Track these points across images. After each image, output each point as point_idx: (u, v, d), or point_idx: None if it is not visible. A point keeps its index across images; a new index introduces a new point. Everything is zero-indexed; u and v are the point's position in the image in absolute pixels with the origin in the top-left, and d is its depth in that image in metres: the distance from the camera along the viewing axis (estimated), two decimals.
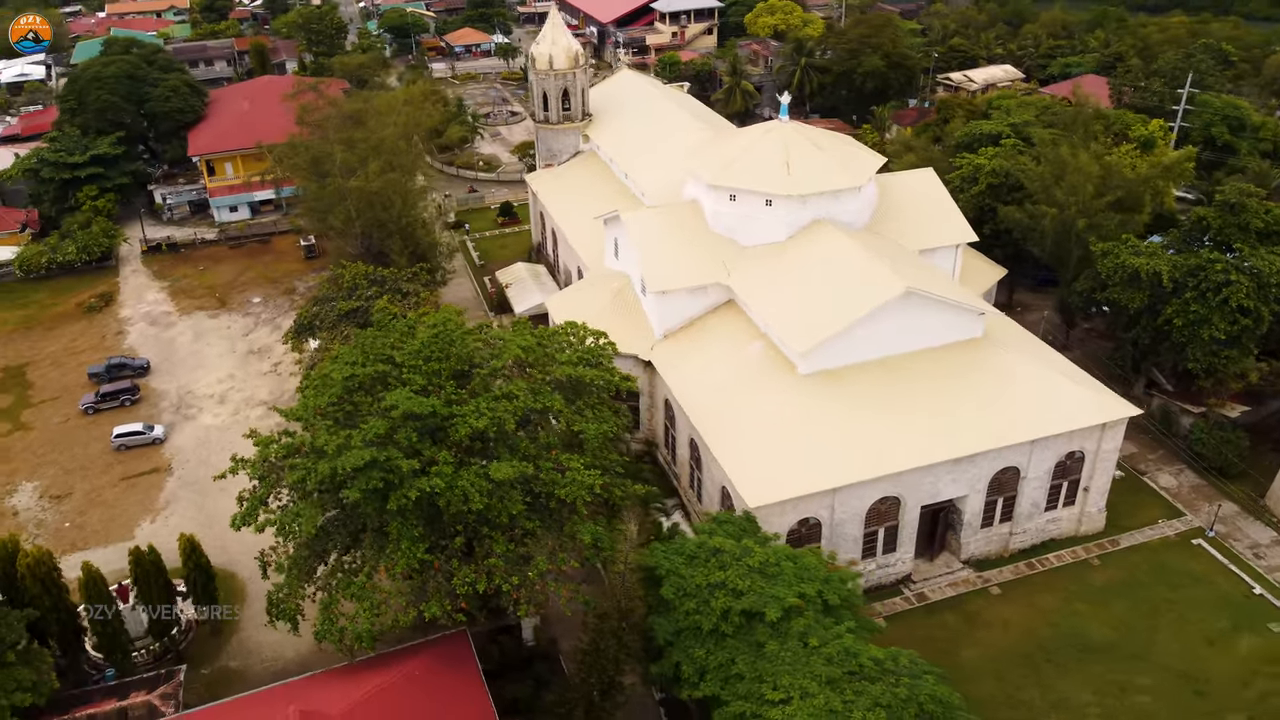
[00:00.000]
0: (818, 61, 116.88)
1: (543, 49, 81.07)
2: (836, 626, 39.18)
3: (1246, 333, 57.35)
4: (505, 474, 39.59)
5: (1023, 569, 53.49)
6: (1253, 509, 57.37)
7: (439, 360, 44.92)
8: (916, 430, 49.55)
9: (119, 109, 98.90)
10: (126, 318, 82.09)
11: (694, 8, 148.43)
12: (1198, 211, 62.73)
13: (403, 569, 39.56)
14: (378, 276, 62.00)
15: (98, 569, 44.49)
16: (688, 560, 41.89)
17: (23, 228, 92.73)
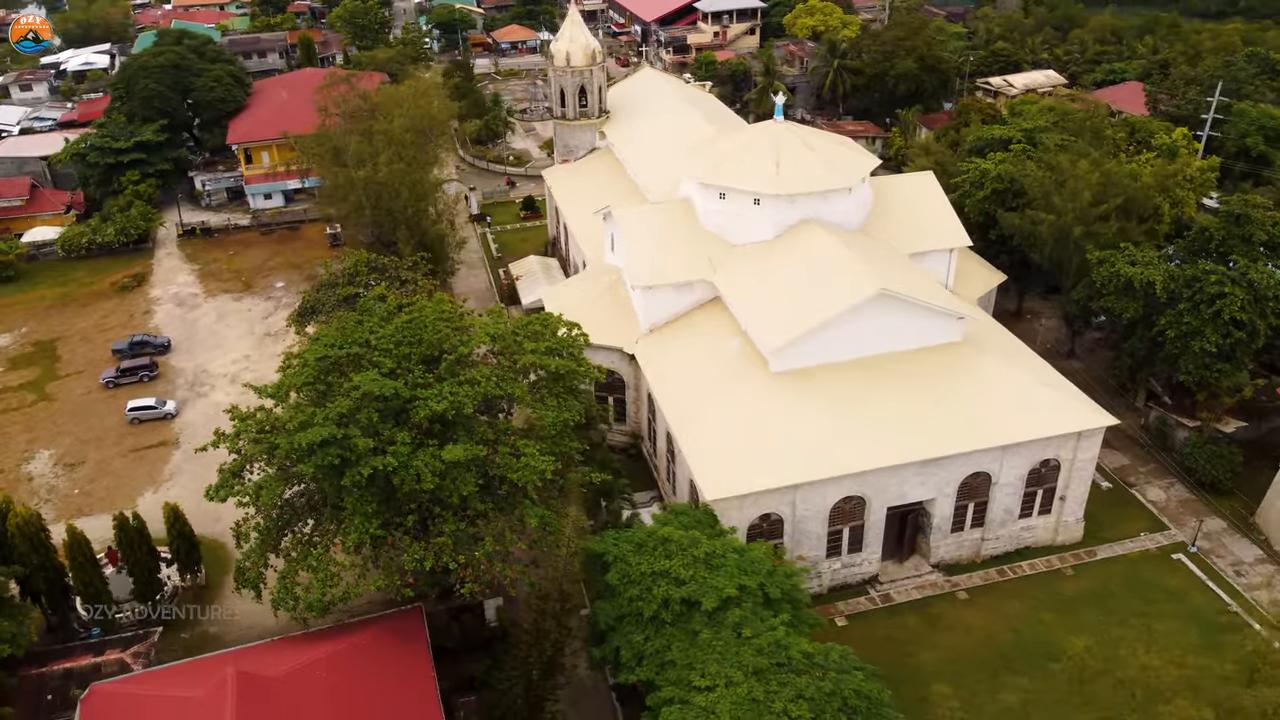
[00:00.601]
0: (851, 63, 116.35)
1: (560, 46, 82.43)
2: (772, 619, 39.80)
3: (1241, 346, 56.25)
4: (456, 455, 40.92)
5: (993, 575, 53.26)
6: (1241, 526, 56.27)
7: (410, 345, 46.44)
8: (884, 431, 49.73)
9: (164, 97, 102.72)
10: (156, 298, 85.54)
11: (736, 8, 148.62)
12: (1201, 221, 61.66)
13: (354, 543, 41.23)
14: (378, 264, 63.90)
15: (82, 532, 47.00)
16: (636, 548, 42.82)
17: (67, 209, 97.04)
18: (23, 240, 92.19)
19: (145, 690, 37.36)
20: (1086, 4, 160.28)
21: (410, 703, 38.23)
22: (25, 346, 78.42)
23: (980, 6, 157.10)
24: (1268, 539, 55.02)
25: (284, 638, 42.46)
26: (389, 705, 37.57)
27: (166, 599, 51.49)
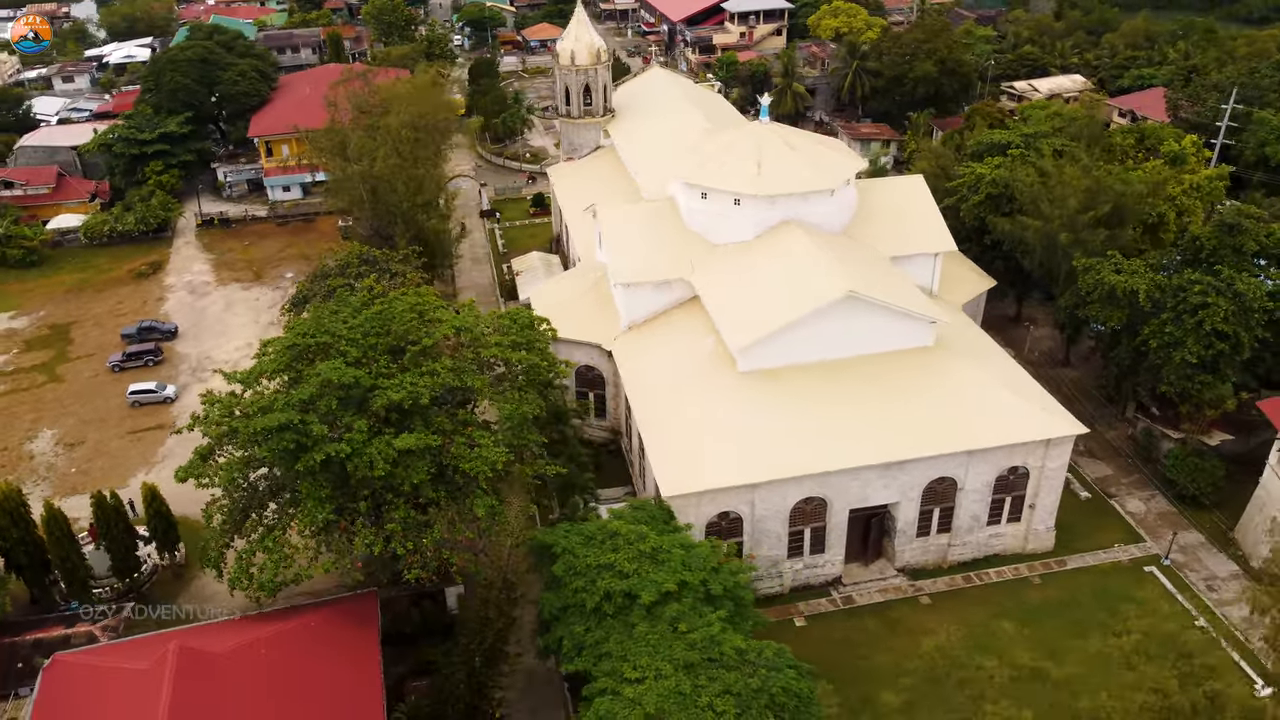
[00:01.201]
0: (870, 65, 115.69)
1: (566, 44, 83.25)
2: (710, 614, 40.18)
3: (1224, 358, 55.33)
4: (408, 444, 41.89)
5: (959, 581, 53.05)
6: (1219, 540, 55.40)
7: (376, 336, 47.57)
8: (847, 433, 49.81)
9: (190, 90, 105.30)
10: (170, 285, 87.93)
11: (763, 8, 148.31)
12: (1194, 230, 60.73)
13: (306, 526, 42.41)
14: (370, 256, 65.16)
15: (59, 509, 48.83)
16: (585, 541, 43.47)
17: (92, 197, 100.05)
18: (48, 227, 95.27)
19: (100, 662, 38.77)
20: (1124, 8, 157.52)
21: (351, 683, 39.23)
22: (41, 329, 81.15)
23: (1012, 9, 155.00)
24: (1245, 555, 54.08)
25: (242, 616, 43.74)
26: (328, 685, 38.61)
27: (146, 577, 53.25)
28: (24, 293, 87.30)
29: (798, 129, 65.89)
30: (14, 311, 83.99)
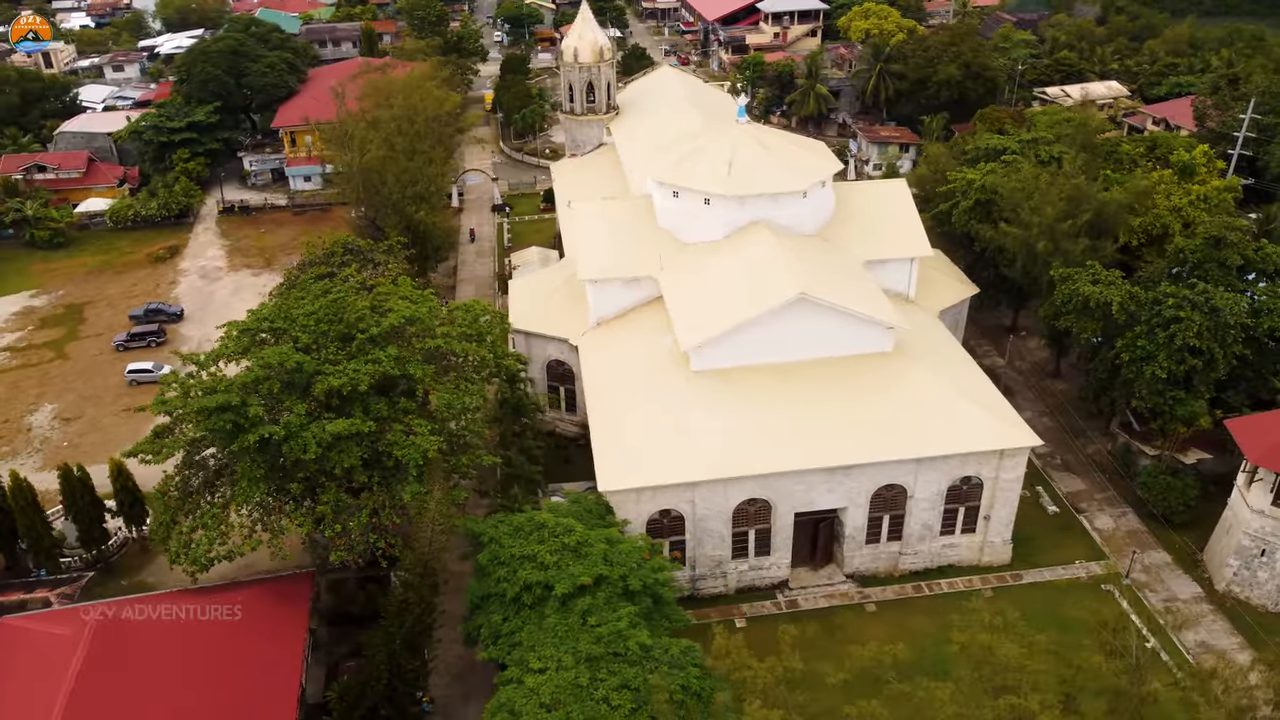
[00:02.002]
0: (894, 68, 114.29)
1: (569, 42, 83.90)
2: (625, 609, 40.42)
3: (1198, 374, 53.79)
4: (339, 429, 42.90)
5: (908, 591, 52.42)
6: (1186, 562, 53.89)
7: (329, 323, 48.72)
8: (793, 436, 49.53)
9: (219, 81, 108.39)
10: (184, 269, 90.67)
11: (798, 9, 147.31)
12: (1178, 242, 59.10)
13: (240, 505, 43.66)
14: (353, 246, 66.54)
15: (25, 479, 50.84)
16: (513, 531, 44.08)
17: (120, 182, 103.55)
18: (77, 210, 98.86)
19: (36, 626, 40.36)
20: (1174, 14, 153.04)
21: (269, 658, 40.26)
22: (57, 308, 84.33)
23: (1055, 13, 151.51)
24: (1210, 578, 52.53)
25: (180, 590, 45.12)
26: (244, 658, 39.68)
27: (115, 549, 55.16)
28: (48, 272, 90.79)
29: (777, 130, 65.45)
30: (35, 290, 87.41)
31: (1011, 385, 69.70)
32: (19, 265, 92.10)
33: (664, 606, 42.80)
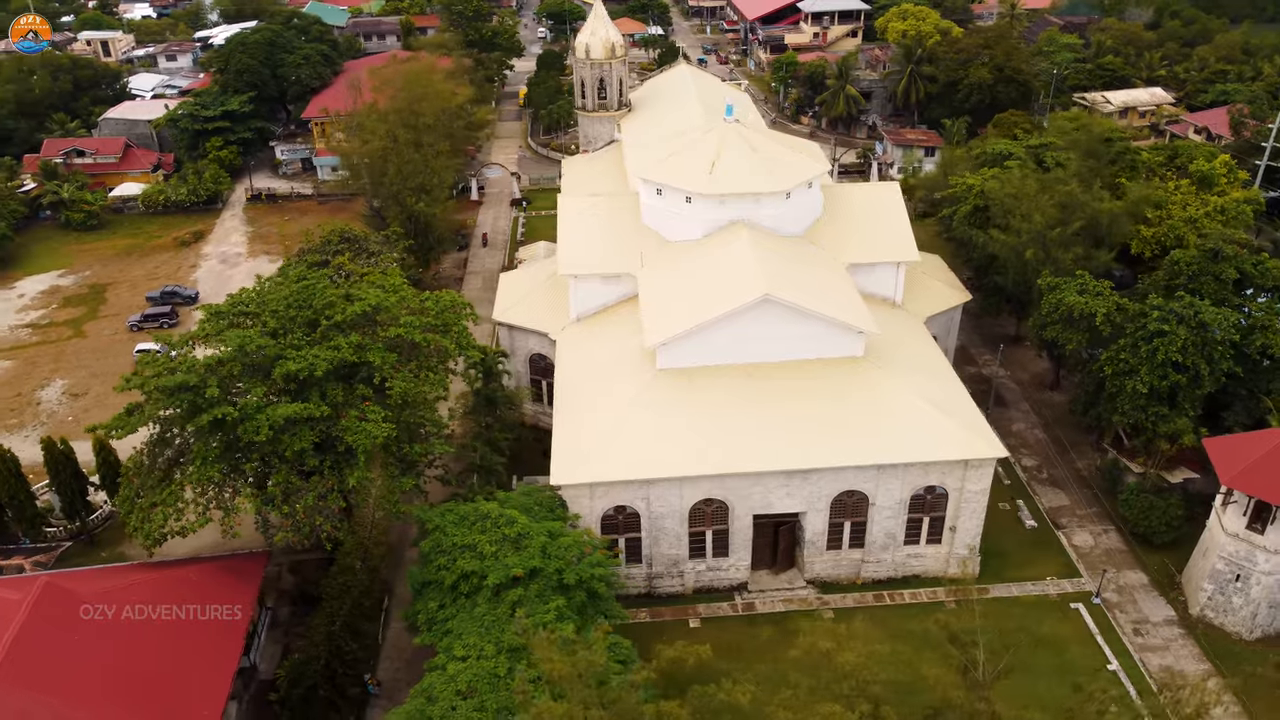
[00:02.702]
0: (926, 70, 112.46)
1: (582, 38, 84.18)
2: (556, 601, 40.64)
3: (1183, 391, 52.07)
4: (289, 412, 43.74)
5: (869, 599, 51.68)
6: (1163, 584, 52.25)
7: (297, 308, 49.72)
8: (751, 438, 49.14)
9: (255, 71, 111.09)
10: (206, 254, 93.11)
11: (839, 9, 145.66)
12: (1174, 254, 57.27)
13: (194, 482, 44.78)
14: (350, 235, 67.73)
15: (10, 450, 52.74)
16: (458, 520, 44.51)
17: (155, 168, 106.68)
18: (112, 194, 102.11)
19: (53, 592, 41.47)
20: (1233, 20, 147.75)
21: (212, 631, 41.27)
22: (82, 288, 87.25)
23: (1105, 17, 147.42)
24: (1185, 600, 50.85)
25: (138, 564, 46.51)
26: (186, 630, 40.72)
27: (99, 520, 56.96)
28: (78, 253, 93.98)
29: (768, 130, 64.59)
30: (64, 270, 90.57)
31: (1008, 396, 68.35)
32: (53, 245, 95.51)
33: (600, 602, 42.83)
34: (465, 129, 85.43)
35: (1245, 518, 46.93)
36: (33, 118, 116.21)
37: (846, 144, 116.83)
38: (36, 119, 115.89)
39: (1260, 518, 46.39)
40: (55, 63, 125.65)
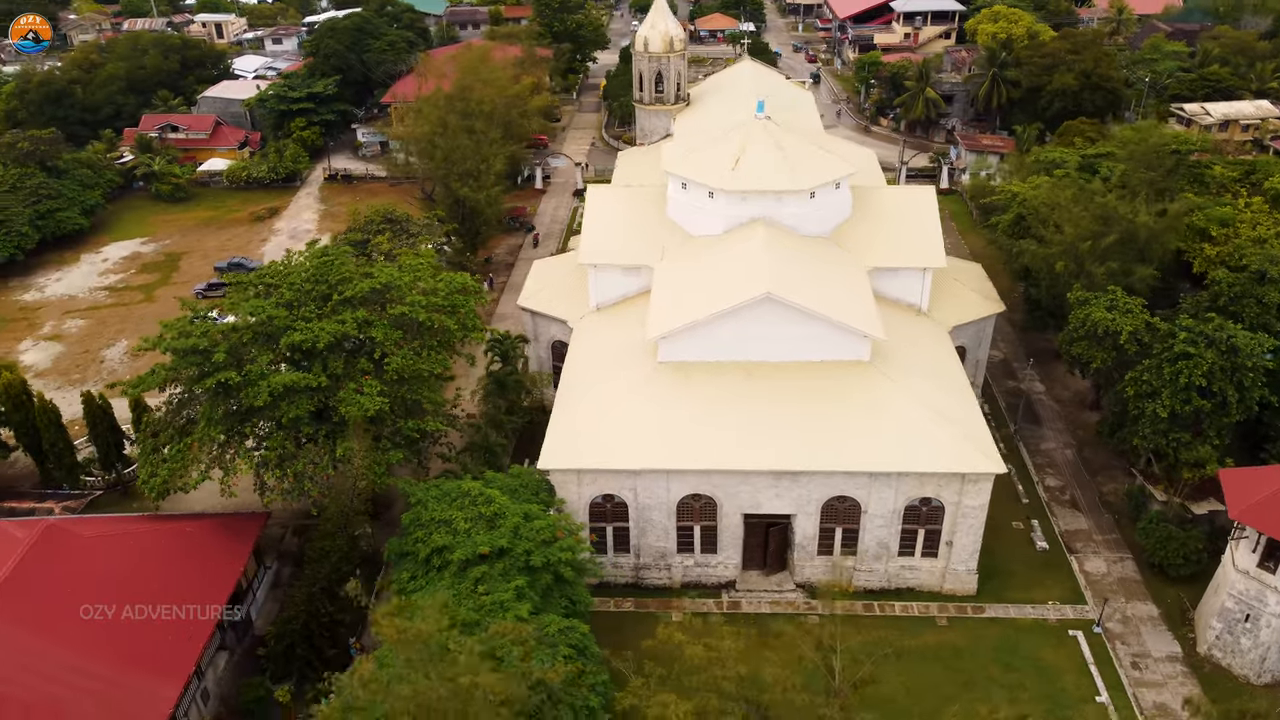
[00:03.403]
0: (1009, 74, 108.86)
1: (642, 31, 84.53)
2: (518, 580, 41.29)
3: (1208, 418, 49.44)
4: (286, 381, 45.69)
5: (858, 608, 50.59)
6: (1174, 618, 49.74)
7: (314, 282, 51.72)
8: (743, 436, 48.81)
9: (341, 56, 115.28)
10: (277, 229, 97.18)
11: (932, 9, 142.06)
12: (1215, 274, 54.35)
13: (198, 442, 47.11)
14: (393, 216, 69.86)
15: (51, 401, 56.37)
16: (440, 496, 45.60)
17: (241, 145, 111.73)
18: (199, 169, 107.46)
19: (10, 530, 44.75)
20: None
21: (197, 581, 43.44)
22: (159, 255, 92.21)
23: (1218, 24, 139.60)
24: (1195, 637, 48.32)
25: (144, 515, 49.27)
26: (175, 580, 42.95)
27: (133, 473, 60.26)
28: (162, 223, 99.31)
29: (816, 130, 63.52)
30: (146, 238, 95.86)
31: (1044, 414, 66.01)
32: (140, 215, 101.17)
33: (565, 586, 43.25)
34: (521, 117, 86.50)
35: (1257, 555, 44.33)
36: (141, 94, 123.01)
37: (923, 148, 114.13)
38: (144, 95, 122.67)
39: (1272, 556, 43.76)
40: (166, 42, 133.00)
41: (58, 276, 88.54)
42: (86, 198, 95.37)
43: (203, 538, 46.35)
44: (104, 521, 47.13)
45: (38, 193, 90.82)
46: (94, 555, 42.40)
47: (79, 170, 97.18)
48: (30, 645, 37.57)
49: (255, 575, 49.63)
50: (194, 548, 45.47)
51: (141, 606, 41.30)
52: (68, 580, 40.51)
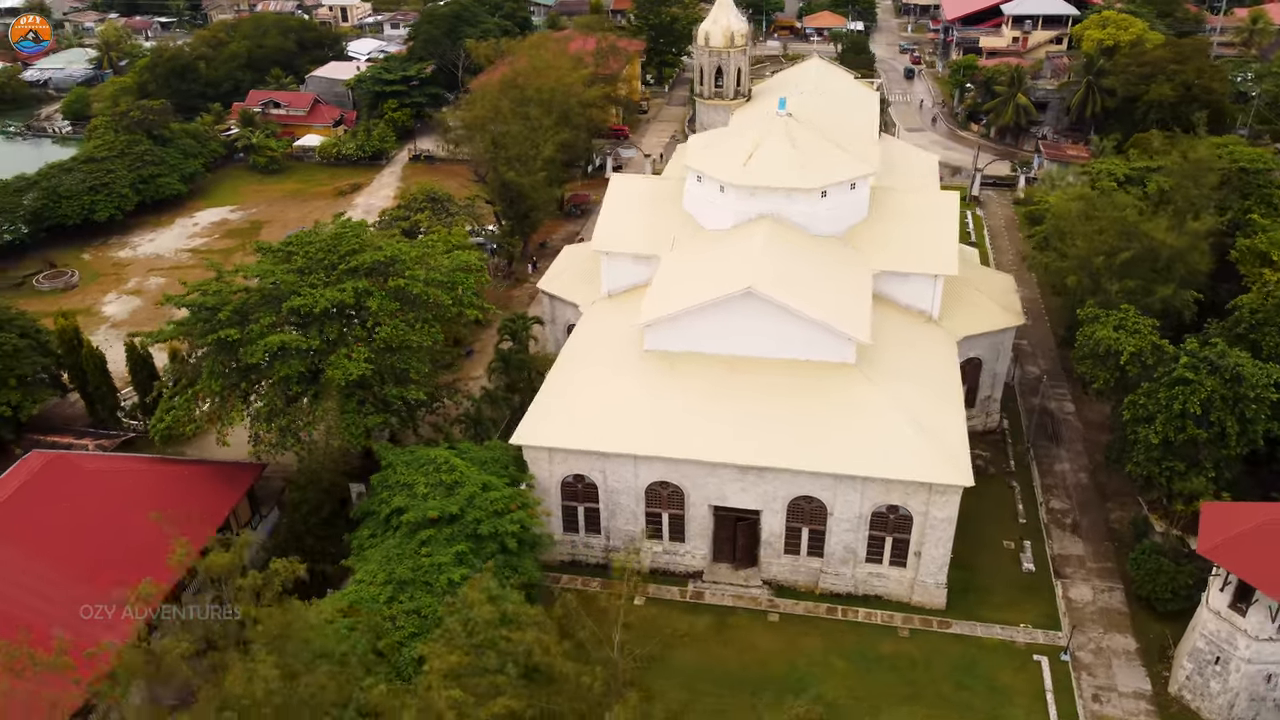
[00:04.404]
0: (1105, 83, 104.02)
1: (704, 26, 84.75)
2: (456, 546, 43.10)
3: (1205, 448, 46.96)
4: (280, 340, 48.69)
5: (820, 610, 50.34)
6: (1151, 654, 47.53)
7: (326, 251, 54.74)
8: (713, 427, 49.17)
9: (437, 41, 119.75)
10: (356, 204, 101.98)
11: (1044, 13, 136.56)
12: (1239, 300, 51.39)
13: (201, 393, 50.72)
14: (436, 195, 72.71)
15: (97, 347, 61.40)
16: (410, 461, 47.88)
17: (336, 123, 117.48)
18: (296, 144, 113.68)
19: (38, 461, 49.18)
20: None
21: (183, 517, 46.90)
22: (244, 223, 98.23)
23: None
24: (1169, 675, 46.07)
25: (153, 456, 53.37)
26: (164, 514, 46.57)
27: None
28: (253, 192, 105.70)
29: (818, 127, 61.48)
30: (235, 206, 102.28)
31: (1069, 434, 63.55)
32: (235, 184, 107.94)
33: (511, 557, 44.70)
34: (580, 106, 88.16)
35: (1228, 595, 42.00)
36: (258, 71, 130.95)
37: (1010, 156, 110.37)
38: (261, 72, 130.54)
39: (1244, 597, 41.38)
40: (286, 23, 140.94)
41: (151, 237, 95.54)
42: (187, 166, 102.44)
43: (197, 481, 49.97)
44: (111, 459, 51.43)
45: (142, 159, 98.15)
46: (91, 487, 46.37)
47: (184, 140, 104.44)
48: (14, 561, 41.48)
49: (249, 522, 52.91)
50: (187, 488, 49.10)
51: (130, 540, 44.92)
52: (61, 506, 44.42)
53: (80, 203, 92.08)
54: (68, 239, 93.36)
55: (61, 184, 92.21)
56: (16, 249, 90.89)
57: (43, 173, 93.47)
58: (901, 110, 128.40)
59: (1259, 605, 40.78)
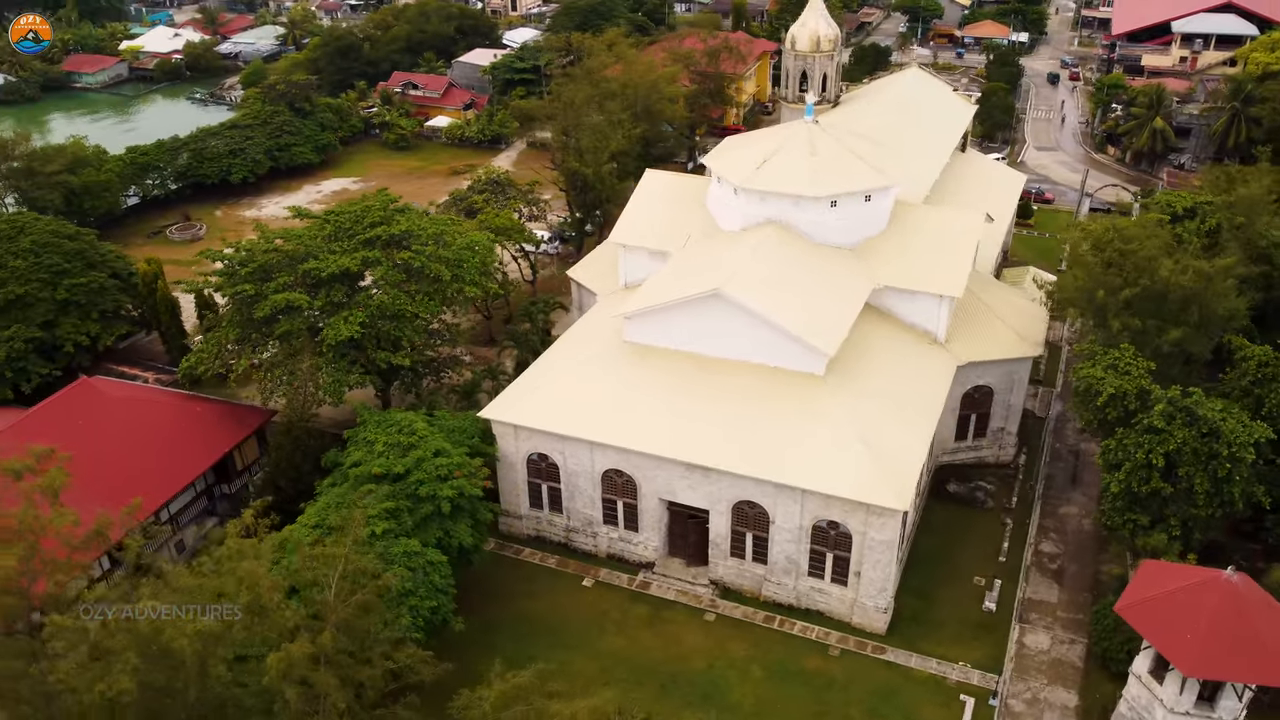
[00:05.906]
0: (1253, 112, 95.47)
1: (793, 29, 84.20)
2: (388, 502, 46.11)
3: (1170, 504, 43.77)
4: (285, 299, 53.33)
5: (757, 616, 50.32)
6: (1090, 714, 44.84)
7: (353, 221, 59.21)
8: (669, 423, 50.06)
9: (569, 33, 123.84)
10: (464, 184, 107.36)
11: (1217, 33, 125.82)
12: (1247, 351, 47.24)
13: (222, 339, 56.20)
14: (497, 179, 76.32)
15: (170, 292, 68.56)
16: (379, 421, 51.36)
17: (466, 106, 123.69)
18: (427, 124, 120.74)
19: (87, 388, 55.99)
20: None
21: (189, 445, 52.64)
22: (361, 193, 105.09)
23: None
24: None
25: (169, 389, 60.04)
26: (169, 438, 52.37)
27: None
28: (378, 166, 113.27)
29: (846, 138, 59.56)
30: (358, 177, 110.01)
31: (1090, 478, 59.88)
32: (365, 158, 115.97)
33: (444, 519, 47.23)
34: (663, 102, 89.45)
35: (1148, 660, 39.27)
36: (415, 54, 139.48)
37: (1144, 183, 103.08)
38: (417, 55, 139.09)
39: (1163, 664, 38.59)
40: (447, 10, 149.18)
41: (278, 200, 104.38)
42: (321, 138, 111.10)
43: (210, 417, 55.54)
44: (136, 388, 58.08)
45: (281, 129, 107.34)
46: (110, 411, 52.53)
47: (324, 114, 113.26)
48: None
49: (256, 460, 58.06)
50: (196, 422, 54.67)
51: (139, 458, 50.81)
52: (75, 425, 50.60)
53: (219, 164, 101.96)
54: (206, 196, 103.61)
55: (207, 146, 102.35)
56: (162, 202, 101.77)
57: (194, 135, 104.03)
58: (1039, 127, 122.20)
59: (1174, 675, 37.95)
